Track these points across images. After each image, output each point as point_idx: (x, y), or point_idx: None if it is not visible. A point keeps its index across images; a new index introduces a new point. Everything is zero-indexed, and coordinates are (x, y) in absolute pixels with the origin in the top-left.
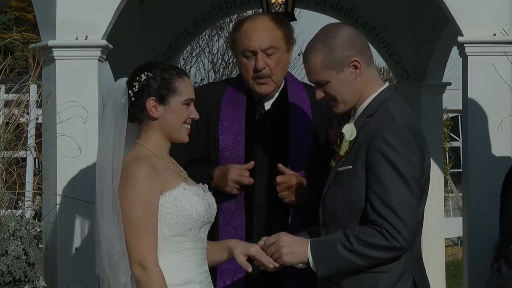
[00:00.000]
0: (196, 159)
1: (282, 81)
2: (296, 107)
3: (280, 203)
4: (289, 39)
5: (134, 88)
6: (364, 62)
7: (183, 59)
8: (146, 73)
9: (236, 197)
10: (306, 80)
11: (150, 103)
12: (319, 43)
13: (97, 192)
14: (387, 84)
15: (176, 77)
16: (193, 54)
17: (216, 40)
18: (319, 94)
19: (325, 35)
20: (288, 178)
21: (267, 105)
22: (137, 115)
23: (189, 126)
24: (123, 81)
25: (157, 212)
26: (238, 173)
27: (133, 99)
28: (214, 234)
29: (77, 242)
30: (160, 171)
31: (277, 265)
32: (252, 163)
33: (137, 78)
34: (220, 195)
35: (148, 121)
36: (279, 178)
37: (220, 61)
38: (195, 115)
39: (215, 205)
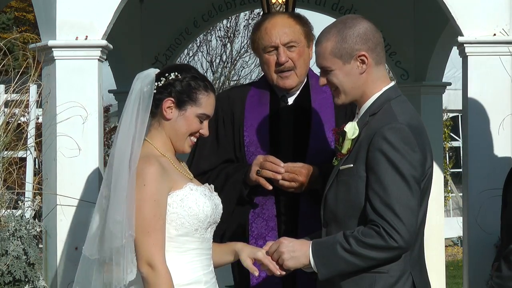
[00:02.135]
0: (229, 159)
1: (305, 76)
2: (318, 100)
3: (305, 193)
4: (309, 35)
5: (159, 82)
6: (373, 60)
7: (180, 60)
8: (176, 73)
9: (265, 190)
10: None
11: (167, 103)
12: (334, 30)
13: (113, 176)
14: (392, 83)
15: (202, 89)
16: (190, 54)
17: (210, 40)
18: (322, 80)
19: (343, 24)
20: (299, 171)
21: (290, 100)
22: (152, 108)
23: (195, 140)
24: (153, 71)
25: (165, 211)
26: (262, 158)
27: (154, 91)
28: (244, 228)
29: (77, 242)
30: (168, 170)
31: (283, 272)
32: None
33: (166, 74)
34: (251, 188)
35: (160, 119)
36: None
37: (218, 60)
38: (205, 131)
39: (221, 206)
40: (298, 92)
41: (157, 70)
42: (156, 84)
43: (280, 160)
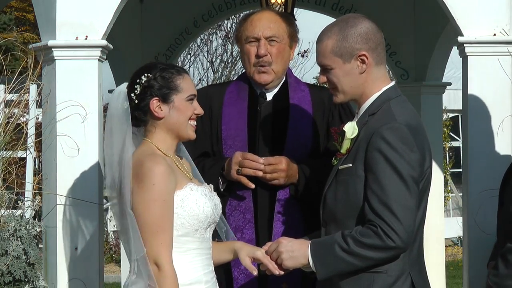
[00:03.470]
0: (206, 152)
1: (282, 74)
2: (296, 98)
3: (283, 186)
4: (293, 36)
5: (136, 91)
6: (374, 60)
7: (180, 60)
8: (146, 74)
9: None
10: (305, 81)
11: (154, 103)
12: (336, 28)
13: (111, 206)
14: (392, 83)
15: (176, 75)
16: (191, 54)
17: (214, 40)
18: (322, 78)
19: (344, 22)
20: (279, 160)
21: (269, 96)
22: (141, 117)
23: (195, 123)
24: (123, 87)
25: (173, 211)
26: (241, 156)
27: (136, 101)
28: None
29: (77, 242)
30: (174, 170)
31: (282, 272)
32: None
33: (138, 80)
34: (228, 183)
35: (153, 122)
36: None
37: (218, 60)
38: (200, 110)
39: (220, 205)
40: (276, 89)
41: (125, 84)
42: (132, 95)
43: (258, 156)
